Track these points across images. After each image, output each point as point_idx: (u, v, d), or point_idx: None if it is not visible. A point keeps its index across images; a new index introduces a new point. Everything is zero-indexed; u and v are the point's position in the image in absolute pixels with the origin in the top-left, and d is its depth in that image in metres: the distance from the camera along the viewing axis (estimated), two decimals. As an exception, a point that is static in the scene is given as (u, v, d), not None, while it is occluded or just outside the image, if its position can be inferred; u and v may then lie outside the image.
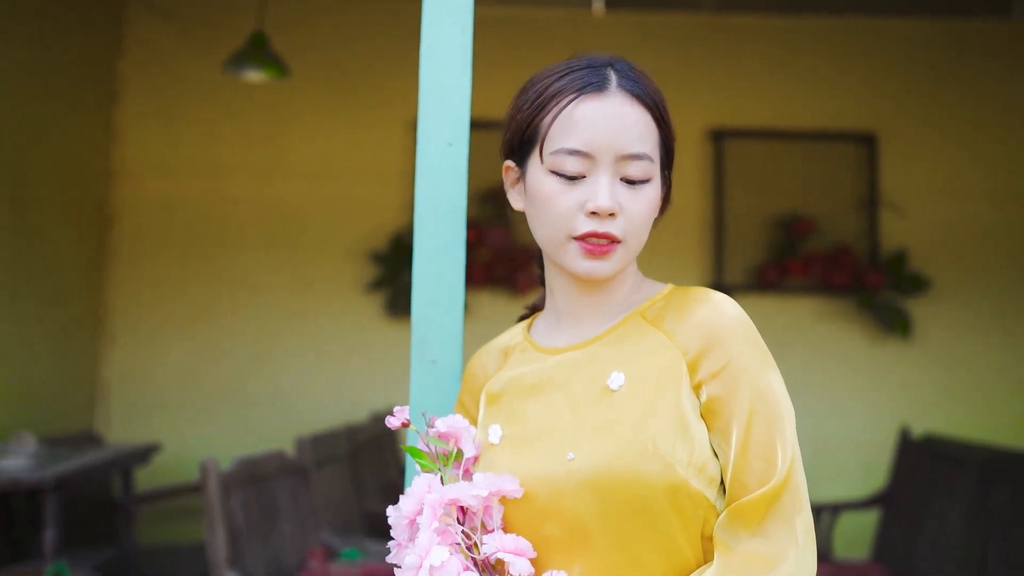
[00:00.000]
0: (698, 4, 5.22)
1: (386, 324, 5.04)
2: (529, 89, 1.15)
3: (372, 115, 5.10)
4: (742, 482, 1.02)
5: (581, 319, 1.18)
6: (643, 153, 1.09)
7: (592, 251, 1.08)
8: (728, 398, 1.05)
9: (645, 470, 1.01)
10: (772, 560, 0.98)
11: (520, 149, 1.16)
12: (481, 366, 1.27)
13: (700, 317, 1.09)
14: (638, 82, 1.11)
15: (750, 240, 5.11)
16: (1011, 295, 5.11)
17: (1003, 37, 5.24)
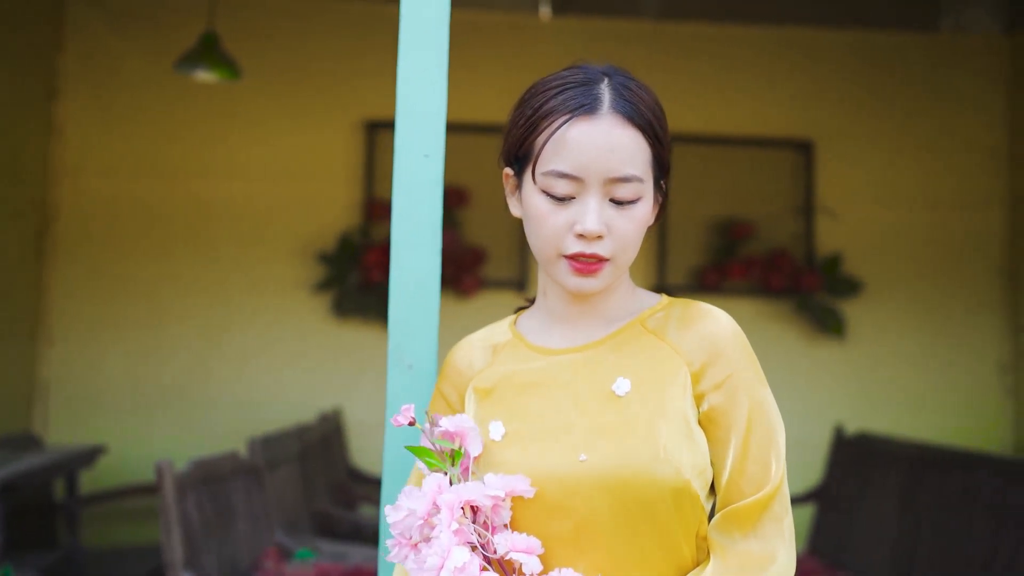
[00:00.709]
0: (641, 11, 5.33)
1: (333, 325, 5.04)
2: (526, 103, 1.18)
3: (321, 115, 5.10)
4: (739, 487, 1.10)
5: (576, 323, 1.21)
6: (632, 175, 1.11)
7: (581, 269, 1.13)
8: (728, 408, 1.12)
9: (657, 472, 1.06)
10: (765, 559, 1.07)
11: (516, 162, 1.19)
12: (467, 359, 1.27)
13: (705, 331, 1.16)
14: (631, 101, 1.13)
15: (691, 243, 5.24)
16: (938, 297, 5.33)
17: (931, 50, 5.45)
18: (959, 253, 5.40)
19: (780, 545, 1.08)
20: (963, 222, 5.41)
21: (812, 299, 5.14)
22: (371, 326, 5.04)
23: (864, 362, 5.20)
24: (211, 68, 3.73)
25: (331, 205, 5.07)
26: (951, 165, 5.42)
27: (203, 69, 3.74)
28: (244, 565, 2.93)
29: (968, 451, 3.86)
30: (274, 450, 3.38)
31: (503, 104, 5.22)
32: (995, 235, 5.44)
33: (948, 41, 5.47)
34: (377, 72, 5.15)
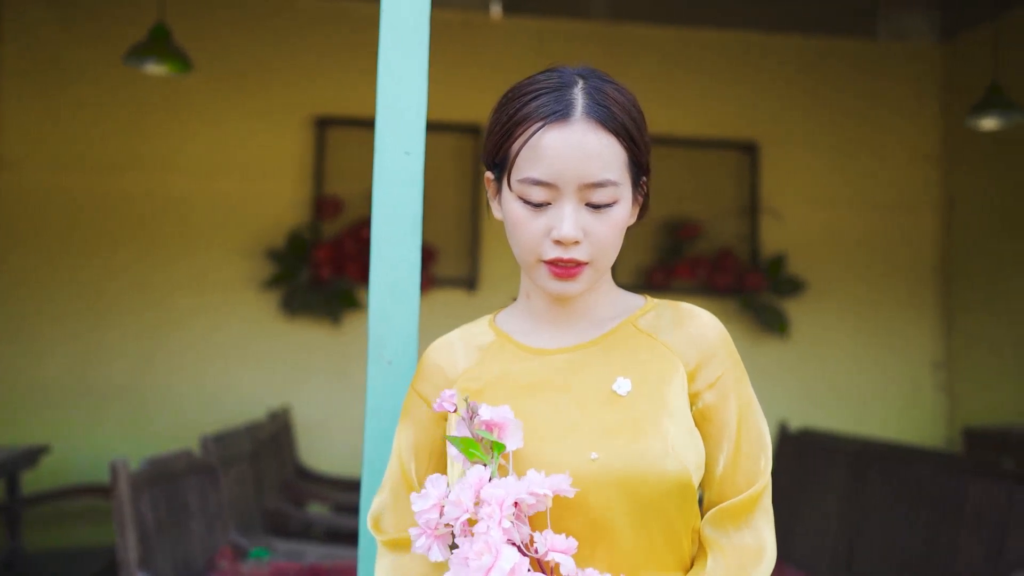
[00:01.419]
0: (591, 12, 5.38)
1: (282, 322, 5.00)
2: (502, 109, 1.17)
3: (271, 111, 5.05)
4: (733, 482, 1.14)
5: (565, 324, 1.22)
6: (607, 180, 1.11)
7: (560, 274, 1.13)
8: (721, 406, 1.16)
9: (668, 468, 1.09)
10: (760, 550, 1.12)
11: (495, 167, 1.19)
12: (449, 359, 1.25)
13: (697, 331, 1.19)
14: (604, 105, 1.12)
15: (639, 243, 5.31)
16: (875, 297, 5.49)
17: (870, 56, 5.61)
18: (895, 254, 5.57)
19: (770, 535, 1.14)
20: (899, 224, 5.58)
21: (756, 298, 5.26)
22: (320, 324, 5.01)
23: (806, 360, 5.34)
24: (162, 61, 3.67)
25: (280, 202, 5.02)
26: (888, 168, 5.59)
27: (153, 62, 3.68)
28: (198, 565, 2.89)
29: (907, 446, 3.99)
30: (227, 448, 3.34)
31: (455, 102, 5.34)
32: (929, 236, 5.62)
33: (885, 48, 5.64)
34: (328, 69, 5.14)
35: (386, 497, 1.22)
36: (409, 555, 1.17)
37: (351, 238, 4.97)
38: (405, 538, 1.17)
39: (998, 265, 5.24)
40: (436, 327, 5.17)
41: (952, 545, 3.26)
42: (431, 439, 1.21)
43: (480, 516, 0.98)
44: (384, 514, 1.21)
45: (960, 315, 5.51)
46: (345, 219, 5.05)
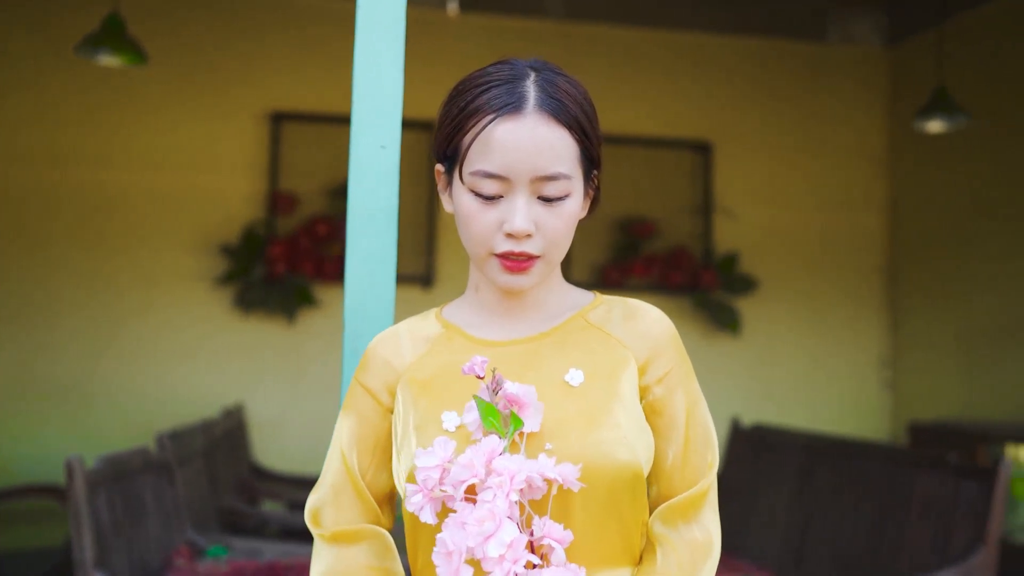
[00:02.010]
0: (547, 11, 5.41)
1: (236, 319, 4.94)
2: (453, 101, 1.16)
3: (227, 105, 4.99)
4: (682, 476, 1.15)
5: (515, 316, 1.21)
6: (559, 173, 1.11)
7: (511, 268, 1.13)
8: (670, 400, 1.17)
9: (621, 459, 1.09)
10: (708, 544, 1.13)
11: (446, 160, 1.18)
12: (395, 351, 1.23)
13: (648, 327, 1.20)
14: (556, 98, 1.12)
15: (595, 241, 5.35)
16: (824, 295, 5.60)
17: (819, 59, 5.73)
18: (843, 253, 5.68)
19: (716, 529, 1.15)
20: (847, 224, 5.70)
21: (710, 296, 5.33)
22: (275, 320, 4.96)
23: (757, 357, 5.43)
24: (115, 52, 3.60)
25: (234, 197, 4.97)
26: (836, 169, 5.70)
27: (107, 53, 3.61)
28: (155, 564, 2.85)
29: (856, 440, 4.08)
30: (182, 446, 3.30)
31: (410, 98, 5.26)
32: (875, 236, 5.75)
33: (834, 52, 5.75)
34: (284, 64, 5.09)
35: (326, 492, 1.19)
36: (352, 548, 1.15)
37: (306, 234, 4.93)
38: (347, 531, 1.15)
39: (941, 264, 5.38)
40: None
41: (900, 536, 3.35)
42: (376, 432, 1.19)
43: (488, 484, 0.97)
44: (324, 509, 1.18)
45: (905, 313, 5.65)
46: (300, 215, 5.01)
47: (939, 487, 3.28)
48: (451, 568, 0.95)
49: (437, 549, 0.98)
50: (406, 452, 1.14)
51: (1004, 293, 4.93)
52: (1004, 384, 4.87)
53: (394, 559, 1.17)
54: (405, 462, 1.14)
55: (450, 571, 0.95)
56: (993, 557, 3.03)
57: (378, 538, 1.17)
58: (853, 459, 3.75)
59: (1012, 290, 4.87)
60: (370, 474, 1.19)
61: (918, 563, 3.20)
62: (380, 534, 1.17)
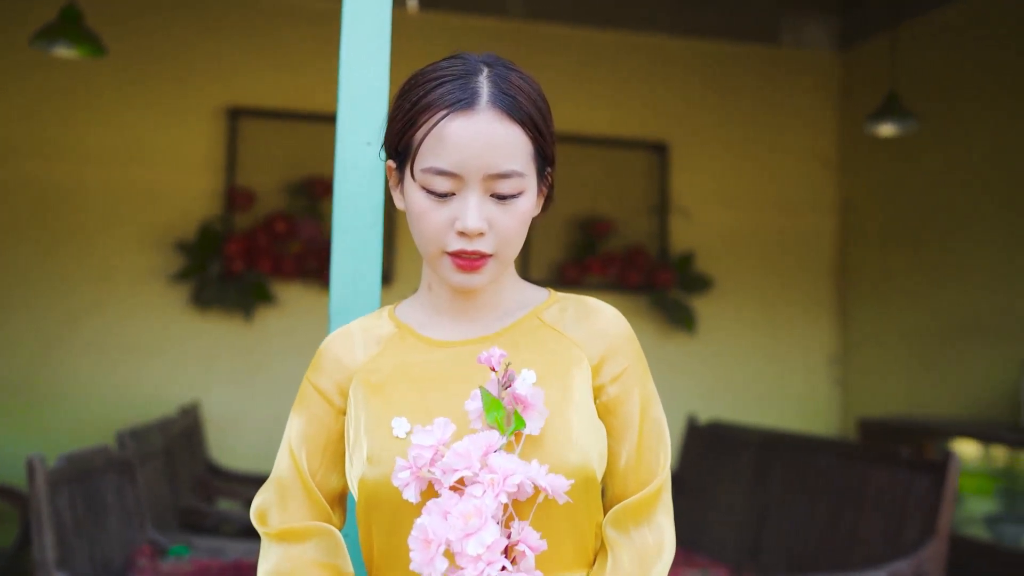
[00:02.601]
0: (508, 10, 5.43)
1: (192, 316, 4.88)
2: (404, 96, 1.14)
3: (183, 100, 4.92)
4: (636, 475, 1.14)
5: (467, 315, 1.19)
6: (512, 171, 1.09)
7: (463, 266, 1.11)
8: (624, 400, 1.16)
9: (570, 460, 1.07)
10: (659, 547, 1.12)
11: (397, 156, 1.16)
12: (348, 352, 1.20)
13: (602, 326, 1.18)
14: (510, 94, 1.10)
15: (553, 239, 5.39)
16: (777, 294, 5.71)
17: (772, 63, 5.83)
18: (796, 254, 5.80)
19: (669, 529, 1.14)
20: (799, 225, 5.81)
21: (666, 295, 5.40)
22: (232, 318, 4.91)
23: (713, 355, 5.51)
24: (73, 44, 3.53)
25: (191, 193, 4.91)
26: (789, 171, 5.81)
27: (64, 45, 3.54)
28: (117, 564, 2.82)
29: (810, 436, 4.18)
30: (143, 444, 3.26)
31: None
32: (826, 237, 5.87)
33: (788, 55, 5.86)
34: (242, 59, 5.04)
35: (273, 491, 1.17)
36: (300, 545, 1.13)
37: (264, 231, 4.89)
38: (295, 528, 1.13)
39: (890, 265, 5.52)
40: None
41: (853, 529, 3.44)
42: (327, 432, 1.18)
43: (480, 480, 0.96)
44: (271, 508, 1.16)
45: (854, 312, 5.78)
46: (257, 212, 4.97)
47: (891, 481, 3.37)
48: (427, 556, 0.94)
49: (415, 534, 0.96)
50: (358, 456, 1.12)
51: (950, 293, 5.07)
52: (950, 381, 5.02)
53: (344, 557, 1.15)
54: (358, 466, 1.11)
55: (425, 559, 0.94)
56: (943, 548, 3.12)
57: (327, 535, 1.15)
58: (807, 455, 3.83)
59: (958, 290, 5.02)
60: (320, 474, 1.17)
61: (871, 555, 3.28)
62: (329, 531, 1.15)
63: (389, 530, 1.09)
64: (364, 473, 1.09)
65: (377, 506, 1.09)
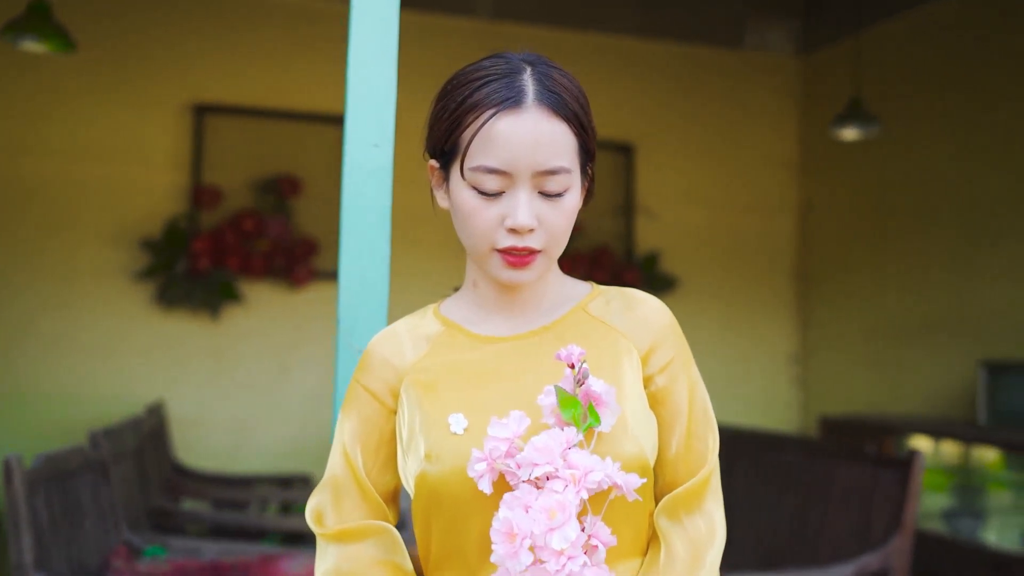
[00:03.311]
0: (475, 10, 5.44)
1: (157, 314, 4.82)
2: (448, 96, 1.15)
3: (148, 96, 4.86)
4: (687, 464, 1.16)
5: (514, 311, 1.20)
6: (560, 167, 1.11)
7: (514, 263, 1.12)
8: (673, 390, 1.18)
9: (626, 451, 1.08)
10: (712, 534, 1.14)
11: (442, 155, 1.16)
12: (396, 351, 1.20)
13: (648, 316, 1.20)
14: (555, 92, 1.12)
15: (520, 238, 5.41)
16: (739, 294, 5.80)
17: (736, 66, 5.92)
18: (758, 254, 5.89)
19: (719, 516, 1.16)
20: (761, 226, 5.91)
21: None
22: (198, 316, 4.86)
23: (678, 353, 5.57)
24: (42, 39, 3.47)
25: (156, 190, 4.85)
26: (752, 173, 5.91)
27: (32, 39, 3.48)
28: (93, 565, 2.79)
29: (777, 433, 4.26)
30: (116, 444, 3.22)
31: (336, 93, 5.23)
32: (787, 238, 5.98)
33: (751, 58, 5.96)
34: (209, 55, 4.99)
35: (328, 494, 1.18)
36: (358, 544, 1.14)
37: (231, 229, 4.84)
38: (352, 528, 1.14)
39: (849, 265, 5.64)
40: (317, 319, 5.18)
41: (821, 524, 3.52)
42: (379, 432, 1.19)
43: (561, 475, 0.97)
44: (326, 509, 1.17)
45: (814, 312, 5.90)
46: (224, 210, 4.92)
47: (858, 478, 3.45)
48: (511, 549, 0.94)
49: (497, 527, 0.96)
50: (414, 454, 1.13)
51: (907, 293, 5.20)
52: (908, 380, 5.14)
53: (403, 554, 1.16)
54: (414, 464, 1.12)
55: (509, 552, 0.94)
56: (909, 543, 3.21)
57: (385, 533, 1.15)
58: (774, 452, 3.91)
59: (914, 291, 5.15)
60: (374, 473, 1.18)
61: (839, 550, 3.36)
62: (386, 529, 1.16)
63: (448, 526, 1.10)
64: (423, 470, 1.10)
65: (437, 502, 1.10)
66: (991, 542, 4.17)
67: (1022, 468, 4.14)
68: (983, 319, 4.71)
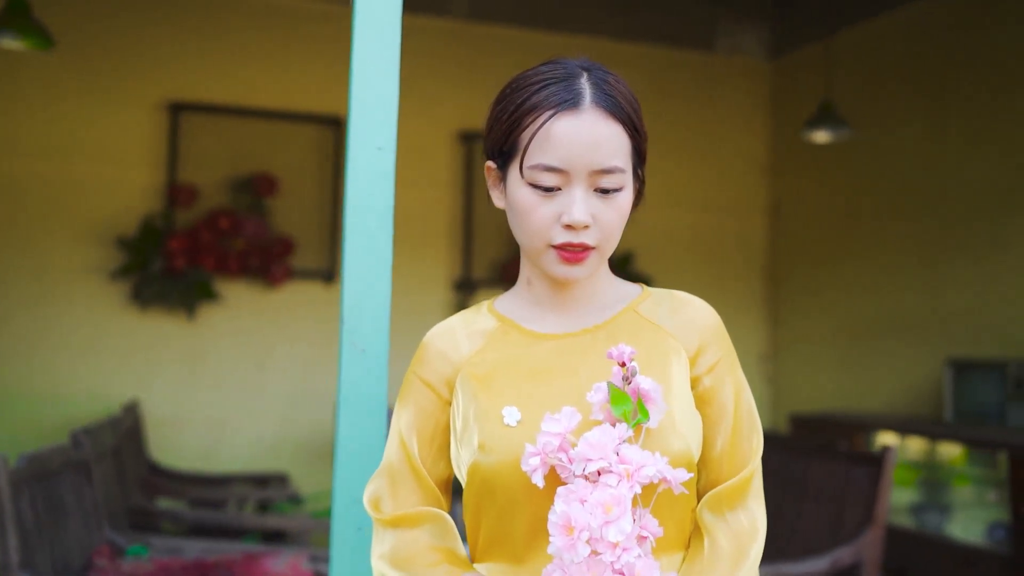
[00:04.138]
0: (451, 10, 5.47)
1: (132, 313, 4.79)
2: (508, 99, 1.20)
3: (123, 94, 4.83)
4: (731, 462, 1.19)
5: (568, 309, 1.24)
6: (615, 167, 1.15)
7: (568, 259, 1.16)
8: (719, 389, 1.21)
9: (674, 447, 1.12)
10: (755, 529, 1.17)
11: (501, 156, 1.21)
12: (452, 346, 1.25)
13: (696, 318, 1.24)
14: (611, 95, 1.17)
15: (495, 237, 5.45)
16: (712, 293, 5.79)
17: (708, 69, 6.00)
18: (729, 254, 5.98)
19: (761, 513, 1.18)
20: (733, 226, 6.00)
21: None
22: (174, 315, 4.84)
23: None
24: (20, 36, 3.45)
25: (132, 188, 4.82)
26: (723, 174, 5.99)
27: (10, 36, 3.45)
28: (76, 564, 2.78)
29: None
30: (97, 443, 3.22)
31: (313, 92, 5.32)
32: (759, 238, 6.07)
33: (723, 62, 6.04)
34: (185, 53, 4.97)
35: (384, 480, 1.22)
36: (414, 530, 1.18)
37: (207, 228, 4.83)
38: (408, 514, 1.18)
39: (819, 265, 5.74)
40: (293, 318, 5.18)
41: (796, 519, 3.59)
42: (435, 422, 1.23)
43: (615, 470, 1.00)
44: (383, 495, 1.21)
45: (784, 312, 5.99)
46: (200, 208, 4.90)
47: (831, 473, 3.53)
48: (569, 542, 0.97)
49: (554, 520, 0.99)
50: (468, 444, 1.17)
51: (875, 294, 5.30)
52: (876, 378, 5.25)
53: (456, 540, 1.20)
54: (468, 453, 1.16)
55: (567, 544, 0.97)
56: (880, 536, 3.29)
57: (439, 520, 1.19)
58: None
59: (882, 291, 5.25)
60: (429, 461, 1.22)
61: (813, 544, 3.43)
62: (441, 516, 1.20)
63: (498, 513, 1.14)
64: (477, 460, 1.14)
65: (490, 491, 1.14)
66: (956, 535, 4.27)
67: (985, 464, 4.25)
68: (949, 319, 4.82)
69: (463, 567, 1.17)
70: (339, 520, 1.45)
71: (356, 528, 1.46)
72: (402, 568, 1.17)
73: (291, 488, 4.48)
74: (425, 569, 1.15)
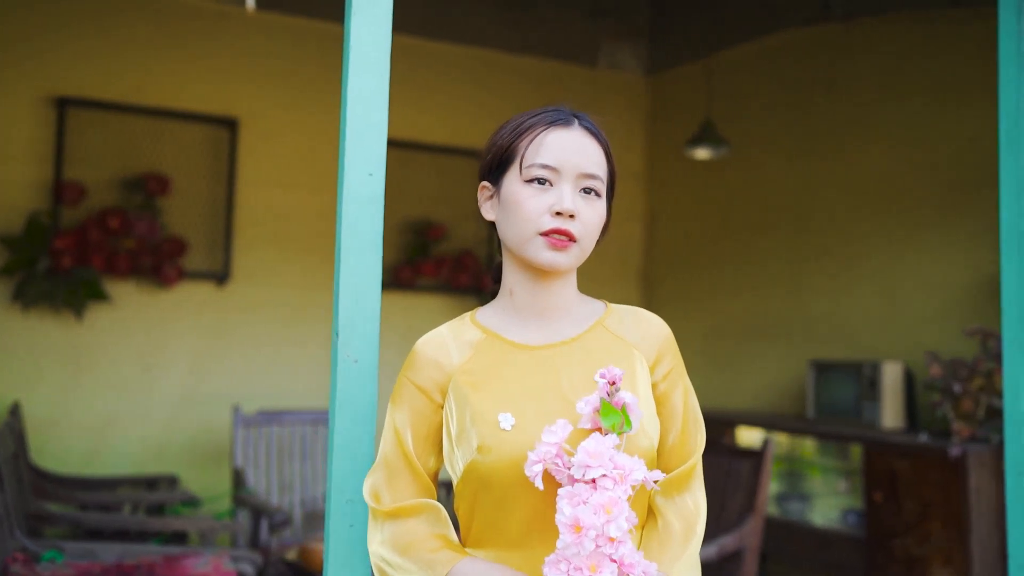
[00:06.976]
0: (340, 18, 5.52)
1: (15, 313, 4.63)
2: (506, 125, 1.43)
3: (7, 87, 4.65)
4: (680, 453, 1.40)
5: (545, 320, 1.41)
6: (598, 174, 1.38)
7: (555, 244, 1.35)
8: (671, 393, 1.42)
9: (641, 446, 1.31)
10: (699, 510, 1.38)
11: (497, 169, 1.41)
12: (445, 354, 1.39)
13: (654, 332, 1.45)
14: (596, 129, 1.41)
15: (389, 242, 5.50)
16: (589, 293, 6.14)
17: (591, 82, 6.28)
18: (608, 259, 6.28)
19: (702, 497, 1.40)
20: (613, 232, 6.27)
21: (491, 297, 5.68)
22: (60, 316, 4.71)
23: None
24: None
25: (16, 184, 4.65)
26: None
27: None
28: (-7, 571, 2.75)
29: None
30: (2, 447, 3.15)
31: (207, 92, 5.40)
32: (636, 245, 6.40)
33: (604, 76, 6.33)
34: (72, 47, 4.84)
35: (382, 474, 1.36)
36: (412, 520, 1.33)
37: (96, 227, 4.72)
38: (406, 506, 1.33)
39: (691, 272, 6.11)
40: (185, 320, 5.20)
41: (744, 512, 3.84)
42: (427, 423, 1.37)
43: (610, 474, 1.16)
44: (382, 490, 1.35)
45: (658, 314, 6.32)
46: (87, 206, 4.79)
47: (715, 466, 3.83)
48: (577, 539, 1.12)
49: (563, 520, 1.14)
50: (466, 445, 1.32)
51: (744, 299, 5.71)
52: (744, 378, 5.65)
53: (449, 528, 1.34)
54: (466, 453, 1.31)
55: (576, 541, 1.12)
56: (760, 523, 3.61)
57: (435, 510, 1.34)
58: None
59: (751, 297, 5.66)
60: (423, 456, 1.37)
61: (699, 531, 3.71)
62: (436, 507, 1.34)
63: (495, 506, 1.30)
64: (475, 460, 1.29)
65: (486, 487, 1.30)
66: (816, 521, 4.69)
67: (839, 455, 4.68)
68: (811, 323, 5.26)
69: (461, 552, 1.32)
70: (334, 517, 1.57)
71: (348, 525, 1.58)
72: (404, 553, 1.31)
73: (180, 490, 4.45)
74: (428, 553, 1.30)
